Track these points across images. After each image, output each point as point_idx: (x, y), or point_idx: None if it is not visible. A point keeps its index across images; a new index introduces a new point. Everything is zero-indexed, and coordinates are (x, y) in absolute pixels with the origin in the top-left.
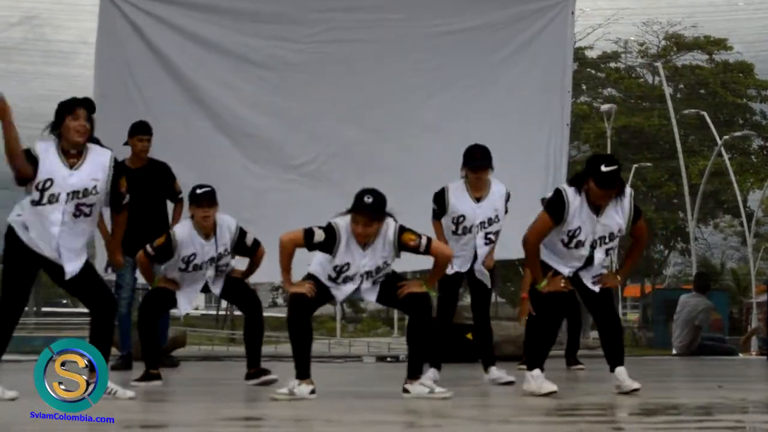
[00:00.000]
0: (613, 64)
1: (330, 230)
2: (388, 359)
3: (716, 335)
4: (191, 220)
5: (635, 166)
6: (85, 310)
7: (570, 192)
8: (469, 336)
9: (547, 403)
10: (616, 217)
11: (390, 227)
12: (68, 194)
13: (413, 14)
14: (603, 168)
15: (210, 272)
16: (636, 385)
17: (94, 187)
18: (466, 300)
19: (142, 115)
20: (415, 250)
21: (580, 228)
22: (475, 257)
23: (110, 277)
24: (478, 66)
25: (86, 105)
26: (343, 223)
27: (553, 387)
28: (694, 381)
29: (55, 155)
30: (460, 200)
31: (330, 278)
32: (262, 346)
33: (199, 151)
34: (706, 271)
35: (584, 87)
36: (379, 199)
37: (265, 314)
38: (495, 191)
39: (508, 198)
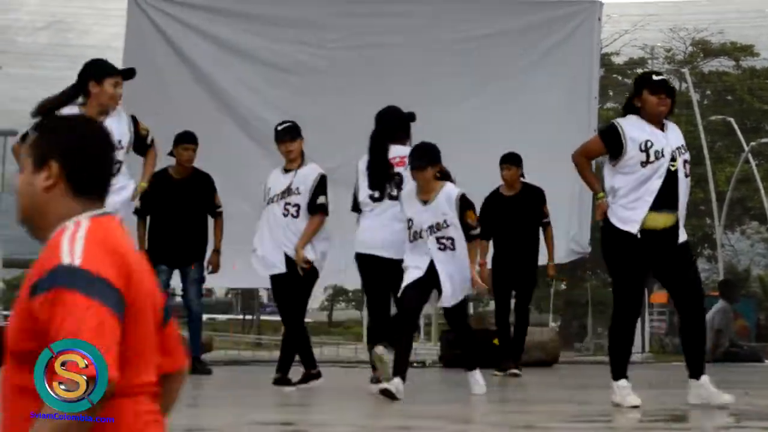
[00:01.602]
0: (639, 70)
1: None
2: (415, 364)
3: (742, 342)
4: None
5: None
6: None
7: (622, 120)
8: (496, 341)
9: (572, 409)
10: (677, 135)
11: (125, 115)
12: None
13: (438, 19)
14: (654, 77)
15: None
16: (728, 398)
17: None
18: (491, 305)
19: (169, 118)
20: (143, 140)
21: (650, 141)
22: (433, 266)
23: None
24: (504, 71)
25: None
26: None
27: (637, 401)
28: (721, 387)
29: None
30: (408, 204)
31: None
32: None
33: (225, 155)
34: (732, 278)
35: (611, 93)
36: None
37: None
38: (442, 194)
39: (463, 202)
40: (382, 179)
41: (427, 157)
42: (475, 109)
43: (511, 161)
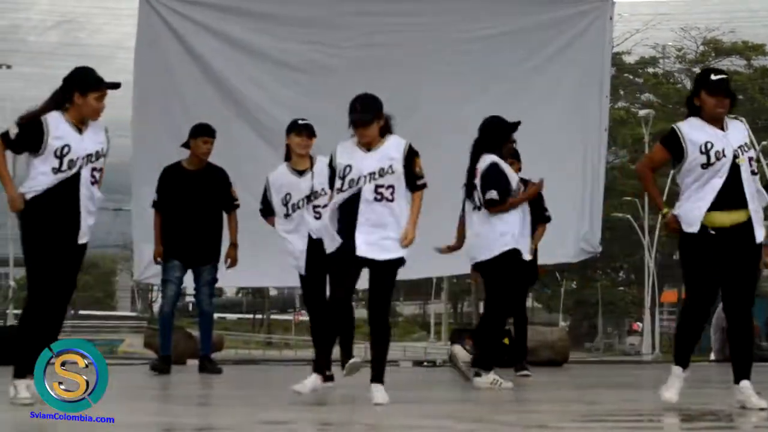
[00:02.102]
0: (650, 69)
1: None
2: (425, 363)
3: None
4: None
5: (673, 171)
6: (124, 314)
7: (682, 123)
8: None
9: (584, 409)
10: (739, 134)
11: (101, 125)
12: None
13: (448, 18)
14: (713, 77)
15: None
16: (764, 403)
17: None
18: None
19: (180, 117)
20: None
21: (710, 142)
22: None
23: (152, 280)
24: (515, 70)
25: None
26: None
27: (672, 398)
28: (731, 387)
29: None
30: (346, 152)
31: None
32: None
33: (235, 153)
34: None
35: (622, 92)
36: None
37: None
38: (390, 142)
39: (411, 150)
40: (468, 187)
41: (372, 110)
42: (485, 107)
43: (514, 156)
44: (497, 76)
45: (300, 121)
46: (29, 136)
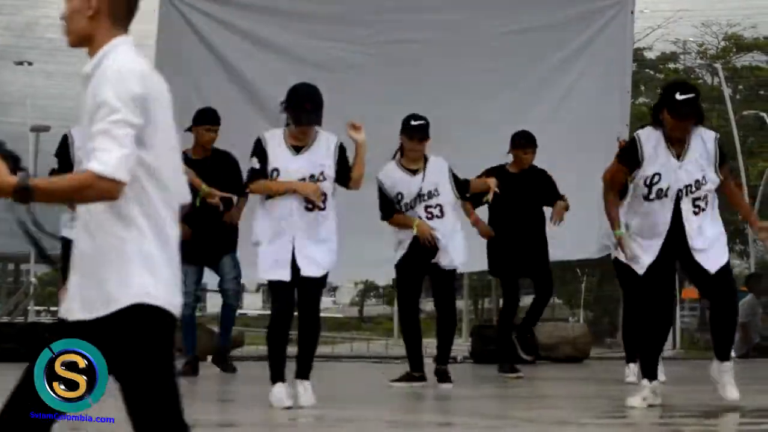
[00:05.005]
0: (671, 65)
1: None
2: None
3: None
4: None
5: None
6: None
7: (643, 134)
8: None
9: (605, 405)
10: (701, 161)
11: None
12: None
13: (472, 15)
14: (678, 96)
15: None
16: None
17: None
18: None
19: None
20: None
21: (659, 175)
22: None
23: None
24: (537, 67)
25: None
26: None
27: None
28: (752, 383)
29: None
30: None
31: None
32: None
33: None
34: (758, 272)
35: (643, 88)
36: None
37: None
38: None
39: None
40: None
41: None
42: (508, 103)
43: (536, 145)
44: (522, 73)
45: (413, 122)
46: (63, 159)
